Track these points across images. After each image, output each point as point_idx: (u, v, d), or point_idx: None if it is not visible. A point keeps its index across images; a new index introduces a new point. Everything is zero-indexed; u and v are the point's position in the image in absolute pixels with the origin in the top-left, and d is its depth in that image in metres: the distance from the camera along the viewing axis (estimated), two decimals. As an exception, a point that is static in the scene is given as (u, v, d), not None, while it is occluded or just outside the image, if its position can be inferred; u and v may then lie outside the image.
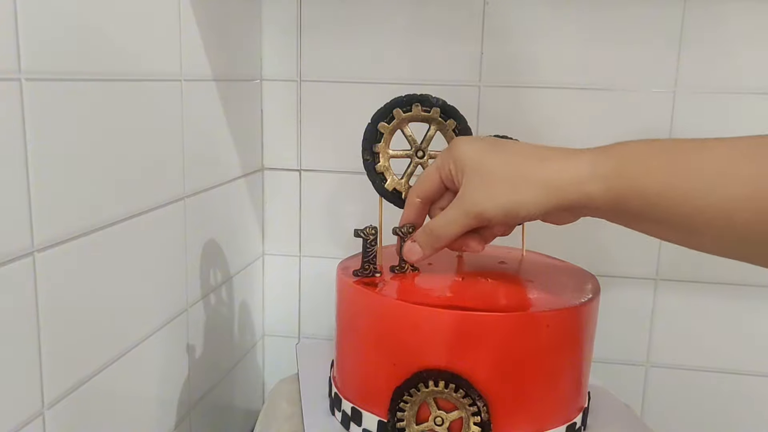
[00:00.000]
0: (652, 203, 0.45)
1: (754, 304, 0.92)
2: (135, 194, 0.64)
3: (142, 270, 0.66)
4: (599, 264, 0.92)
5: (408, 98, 0.61)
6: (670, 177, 0.44)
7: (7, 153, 0.47)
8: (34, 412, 0.51)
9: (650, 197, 0.45)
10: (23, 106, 0.48)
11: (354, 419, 0.61)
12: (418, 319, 0.55)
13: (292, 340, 1.04)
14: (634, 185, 0.46)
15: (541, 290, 0.62)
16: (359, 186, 0.92)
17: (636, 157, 0.47)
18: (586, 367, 0.62)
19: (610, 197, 0.47)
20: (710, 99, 0.87)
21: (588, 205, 0.48)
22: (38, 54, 0.49)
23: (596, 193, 0.48)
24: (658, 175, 0.45)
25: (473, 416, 0.55)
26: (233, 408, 0.95)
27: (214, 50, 0.79)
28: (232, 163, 0.88)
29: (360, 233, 0.60)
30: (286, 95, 0.96)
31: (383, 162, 0.62)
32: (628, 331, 0.95)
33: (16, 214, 0.48)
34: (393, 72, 0.93)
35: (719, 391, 0.95)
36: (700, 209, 0.43)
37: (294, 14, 0.94)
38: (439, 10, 0.91)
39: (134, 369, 0.66)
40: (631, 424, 0.68)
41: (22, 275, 0.49)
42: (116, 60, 0.59)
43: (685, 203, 0.43)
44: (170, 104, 0.70)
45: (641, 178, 0.46)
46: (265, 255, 1.02)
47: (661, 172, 0.45)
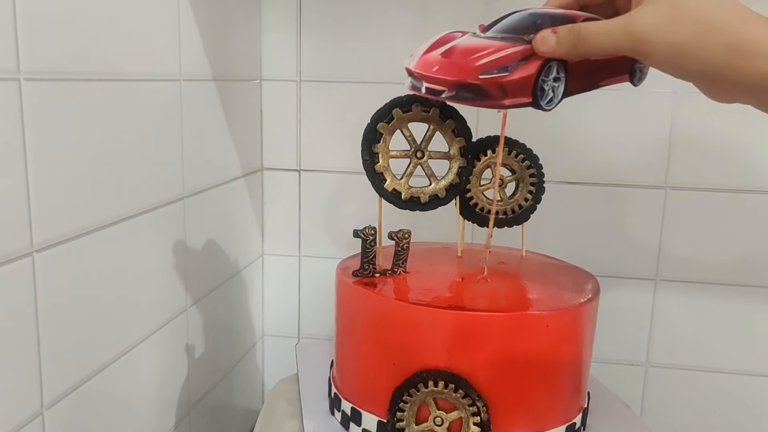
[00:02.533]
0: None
1: (754, 305, 0.92)
2: (134, 194, 0.64)
3: (142, 270, 0.66)
4: (599, 264, 0.92)
5: (407, 98, 0.61)
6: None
7: (6, 153, 0.47)
8: (33, 412, 0.51)
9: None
10: (22, 106, 0.48)
11: (353, 419, 0.61)
12: (417, 319, 0.55)
13: (291, 340, 1.04)
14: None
15: (541, 290, 0.62)
16: (359, 186, 0.92)
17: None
18: (586, 367, 0.62)
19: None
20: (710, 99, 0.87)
21: (766, 87, 0.43)
22: (37, 54, 0.49)
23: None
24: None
25: (473, 416, 0.55)
26: (233, 408, 0.95)
27: (213, 50, 0.79)
28: (231, 163, 0.88)
29: (359, 233, 0.60)
30: (286, 95, 0.96)
31: (383, 162, 0.62)
32: (627, 331, 0.95)
33: (15, 214, 0.48)
34: (393, 72, 0.93)
35: (719, 391, 0.95)
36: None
37: (294, 14, 0.94)
38: (439, 10, 0.91)
39: (134, 369, 0.66)
40: (631, 424, 0.68)
41: (21, 275, 0.49)
42: (115, 60, 0.59)
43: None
44: (169, 104, 0.70)
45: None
46: (265, 255, 1.02)
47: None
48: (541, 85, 0.49)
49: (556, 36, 0.48)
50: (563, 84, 0.50)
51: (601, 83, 0.53)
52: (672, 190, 0.90)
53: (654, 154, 0.90)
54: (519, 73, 0.48)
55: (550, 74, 0.49)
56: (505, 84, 0.49)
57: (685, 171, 0.90)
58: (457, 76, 0.49)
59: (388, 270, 0.62)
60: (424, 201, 0.63)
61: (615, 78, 0.54)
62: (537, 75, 0.48)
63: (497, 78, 0.48)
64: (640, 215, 0.92)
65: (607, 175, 0.92)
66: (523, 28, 0.50)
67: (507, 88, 0.49)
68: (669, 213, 0.91)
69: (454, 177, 0.63)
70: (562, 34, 0.48)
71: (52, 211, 0.52)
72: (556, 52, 0.48)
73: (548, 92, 0.50)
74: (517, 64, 0.48)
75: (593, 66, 0.51)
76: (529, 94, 0.49)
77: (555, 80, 0.49)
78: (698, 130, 0.89)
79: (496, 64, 0.49)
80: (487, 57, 0.49)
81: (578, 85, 0.51)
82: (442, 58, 0.51)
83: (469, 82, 0.49)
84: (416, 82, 0.52)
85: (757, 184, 0.89)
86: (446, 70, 0.50)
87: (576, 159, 0.91)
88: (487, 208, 0.68)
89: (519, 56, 0.48)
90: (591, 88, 0.53)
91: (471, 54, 0.50)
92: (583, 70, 0.50)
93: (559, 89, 0.50)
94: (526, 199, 0.69)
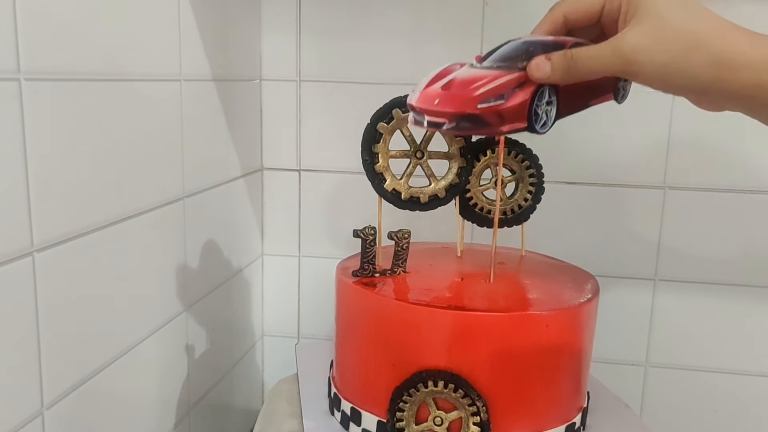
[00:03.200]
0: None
1: (753, 305, 0.92)
2: (134, 194, 0.64)
3: (142, 270, 0.66)
4: (599, 264, 0.92)
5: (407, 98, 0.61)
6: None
7: (6, 153, 0.47)
8: (33, 412, 0.51)
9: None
10: (22, 106, 0.48)
11: (353, 419, 0.61)
12: (417, 319, 0.55)
13: (291, 340, 1.04)
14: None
15: (540, 290, 0.62)
16: (359, 186, 0.92)
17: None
18: (586, 367, 0.62)
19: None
20: (709, 99, 0.87)
21: (755, 97, 0.44)
22: (37, 54, 0.49)
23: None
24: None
25: (472, 416, 0.55)
26: (233, 408, 0.95)
27: (213, 50, 0.79)
28: (231, 163, 0.88)
29: (359, 233, 0.60)
30: (286, 95, 0.96)
31: (382, 162, 0.62)
32: (627, 331, 0.95)
33: (15, 214, 0.48)
34: (393, 72, 0.93)
35: (718, 391, 0.95)
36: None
37: (294, 14, 0.94)
38: (438, 10, 0.91)
39: (134, 369, 0.66)
40: (631, 423, 0.68)
41: (21, 275, 0.49)
42: (115, 60, 0.59)
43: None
44: (170, 104, 0.70)
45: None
46: (265, 255, 1.02)
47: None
48: (535, 110, 0.51)
49: (550, 62, 0.50)
50: (555, 107, 0.52)
51: (589, 104, 0.56)
52: (671, 190, 0.91)
53: (653, 155, 0.90)
54: (514, 99, 0.50)
55: (543, 99, 0.51)
56: (502, 111, 0.50)
57: (684, 171, 0.90)
58: (457, 107, 0.51)
59: (388, 270, 0.62)
60: (424, 201, 0.63)
61: (601, 98, 0.57)
62: (531, 100, 0.50)
63: (495, 107, 0.50)
64: (639, 215, 0.92)
65: (607, 175, 0.92)
66: (516, 56, 0.51)
67: (504, 115, 0.50)
68: (668, 213, 0.91)
69: (454, 177, 0.63)
70: (556, 60, 0.50)
71: (52, 211, 0.52)
72: (552, 77, 0.50)
73: (542, 116, 0.52)
74: (512, 91, 0.50)
75: (581, 88, 0.52)
76: (525, 119, 0.51)
77: (548, 104, 0.51)
78: (697, 130, 0.89)
79: (492, 93, 0.50)
80: (484, 87, 0.50)
81: (568, 107, 0.54)
82: (442, 92, 0.52)
83: (469, 113, 0.51)
84: (418, 116, 0.54)
85: (756, 184, 0.89)
86: (446, 102, 0.52)
87: (575, 159, 0.91)
88: (486, 208, 0.68)
89: (514, 83, 0.50)
90: (580, 109, 0.55)
91: (469, 85, 0.51)
92: (571, 93, 0.52)
93: (551, 112, 0.52)
94: (526, 199, 0.69)
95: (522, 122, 0.51)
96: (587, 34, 0.53)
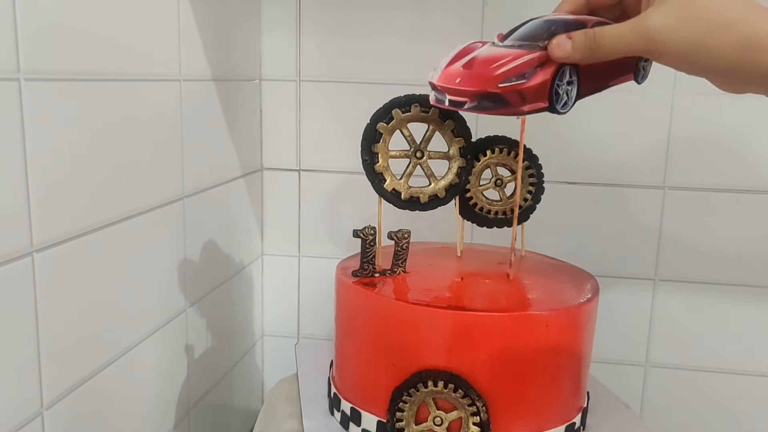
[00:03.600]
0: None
1: (753, 305, 0.92)
2: (134, 194, 0.64)
3: (142, 270, 0.66)
4: (599, 264, 0.92)
5: (407, 99, 0.61)
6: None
7: (5, 153, 0.47)
8: (33, 412, 0.51)
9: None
10: (22, 106, 0.48)
11: (353, 419, 0.61)
12: (417, 319, 0.55)
13: (291, 340, 1.04)
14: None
15: (540, 290, 0.62)
16: (358, 186, 0.92)
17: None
18: (585, 367, 0.62)
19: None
20: (709, 99, 0.87)
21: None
22: (37, 54, 0.49)
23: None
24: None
25: (472, 416, 0.55)
26: (232, 408, 0.95)
27: (213, 50, 0.79)
28: (231, 163, 0.88)
29: (359, 233, 0.60)
30: (286, 95, 0.96)
31: (382, 162, 0.62)
32: (627, 331, 0.95)
33: (14, 214, 0.48)
34: (392, 72, 0.93)
35: (718, 391, 0.95)
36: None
37: (294, 14, 0.94)
38: (438, 10, 0.91)
39: (133, 369, 0.66)
40: (630, 423, 0.68)
41: (21, 275, 0.49)
42: (115, 60, 0.59)
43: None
44: (169, 104, 0.70)
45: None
46: (264, 255, 1.02)
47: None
48: (556, 90, 0.50)
49: (571, 41, 0.49)
50: (576, 87, 0.51)
51: (609, 84, 0.55)
52: (671, 190, 0.90)
53: (653, 155, 0.90)
54: (536, 79, 0.50)
55: (564, 78, 0.50)
56: (523, 90, 0.50)
57: (683, 171, 0.90)
58: (479, 86, 0.51)
59: (388, 270, 0.62)
60: (424, 201, 0.63)
61: (622, 78, 0.56)
62: (552, 80, 0.50)
63: (516, 86, 0.50)
64: (639, 215, 0.92)
65: (607, 175, 0.92)
66: (538, 35, 0.51)
67: (525, 95, 0.50)
68: (668, 213, 0.91)
69: (454, 177, 0.63)
70: (577, 39, 0.49)
71: (52, 211, 0.52)
72: (572, 56, 0.49)
73: (563, 96, 0.51)
74: (533, 70, 0.50)
75: (602, 68, 0.52)
76: (546, 99, 0.50)
77: (568, 84, 0.51)
78: (697, 130, 0.89)
79: (514, 72, 0.50)
80: (505, 66, 0.50)
81: (589, 87, 0.53)
82: (463, 70, 0.52)
83: (490, 92, 0.50)
84: (439, 95, 0.53)
85: (756, 184, 0.89)
86: (468, 81, 0.51)
87: (575, 159, 0.91)
88: (486, 208, 0.68)
89: (535, 62, 0.49)
90: (601, 89, 0.54)
91: (490, 64, 0.51)
92: (592, 72, 0.52)
93: (572, 92, 0.52)
94: (526, 199, 0.69)
95: (543, 102, 0.51)
96: (609, 14, 0.52)
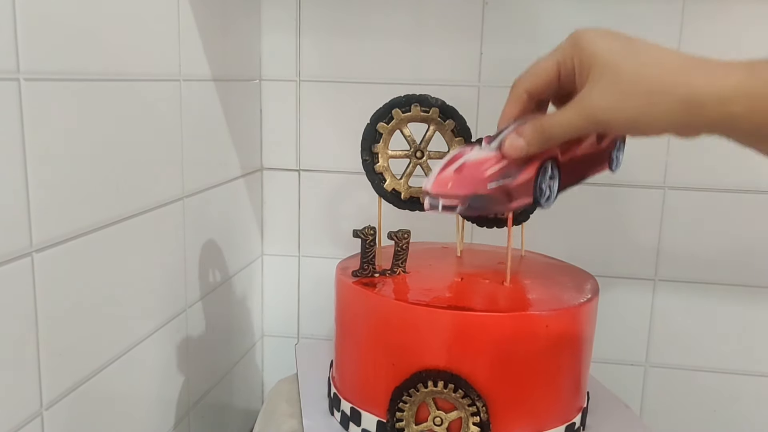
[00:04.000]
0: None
1: (753, 305, 0.92)
2: (134, 194, 0.64)
3: (141, 270, 0.66)
4: (599, 264, 0.92)
5: (407, 98, 0.61)
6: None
7: (5, 153, 0.47)
8: (32, 412, 0.51)
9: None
10: (22, 106, 0.48)
11: (353, 419, 0.61)
12: (417, 319, 0.55)
13: (291, 340, 1.04)
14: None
15: (540, 290, 0.62)
16: (358, 186, 0.92)
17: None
18: (585, 367, 0.62)
19: (754, 121, 0.43)
20: (709, 99, 0.87)
21: (727, 127, 0.44)
22: (37, 54, 0.49)
23: (741, 114, 0.43)
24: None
25: (472, 416, 0.55)
26: (232, 408, 0.95)
27: (213, 50, 0.79)
28: (231, 163, 0.88)
29: (359, 233, 0.60)
30: (286, 95, 0.96)
31: (382, 162, 0.62)
32: (627, 331, 0.95)
33: (14, 214, 0.48)
34: (392, 72, 0.93)
35: (718, 391, 0.95)
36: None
37: (293, 14, 0.94)
38: (438, 10, 0.91)
39: (133, 369, 0.66)
40: (630, 423, 0.68)
41: (21, 275, 0.49)
42: (115, 60, 0.59)
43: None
44: (169, 104, 0.70)
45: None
46: (264, 255, 1.02)
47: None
48: (540, 185, 0.53)
49: (523, 138, 0.51)
50: (557, 181, 0.54)
51: (587, 175, 0.59)
52: (671, 190, 0.90)
53: (653, 154, 0.90)
54: (521, 177, 0.52)
55: (546, 174, 0.53)
56: (511, 189, 0.52)
57: (683, 171, 0.90)
58: (470, 189, 0.53)
59: (388, 270, 0.62)
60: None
61: (598, 168, 0.60)
62: (536, 176, 0.52)
63: (503, 185, 0.52)
64: (639, 215, 0.92)
65: (607, 175, 0.91)
66: None
67: (512, 193, 0.53)
68: (668, 213, 0.91)
69: (454, 177, 0.63)
70: (527, 133, 0.51)
71: (52, 211, 0.52)
72: (530, 150, 0.51)
73: (545, 191, 0.54)
74: (518, 169, 0.52)
75: (578, 163, 0.56)
76: (531, 195, 0.53)
77: (551, 179, 0.54)
78: (698, 130, 0.89)
79: (501, 173, 0.52)
80: (492, 167, 0.52)
81: (569, 180, 0.56)
82: (455, 175, 0.54)
83: (480, 193, 0.52)
84: (433, 200, 0.55)
85: (756, 184, 0.89)
86: (459, 185, 0.53)
87: (575, 159, 0.91)
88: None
89: (520, 162, 0.52)
90: (580, 181, 0.58)
91: (479, 167, 0.53)
92: (570, 167, 0.55)
93: (554, 187, 0.55)
94: (526, 200, 0.69)
95: (528, 198, 0.53)
96: (553, 97, 0.55)
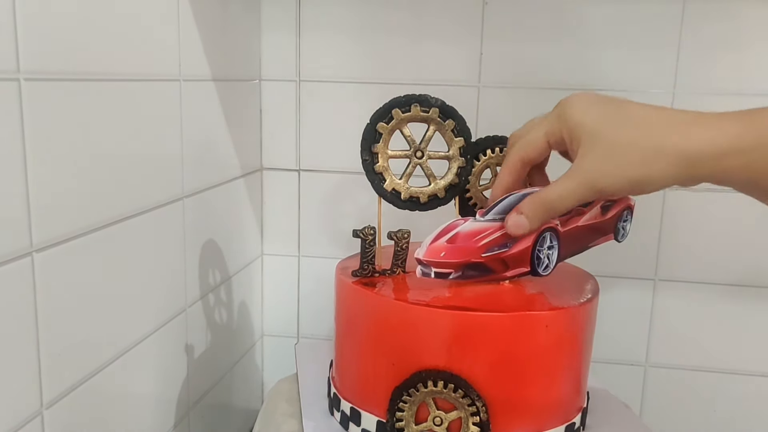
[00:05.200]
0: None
1: (753, 305, 0.92)
2: (134, 194, 0.64)
3: (141, 270, 0.66)
4: (598, 264, 0.92)
5: (407, 98, 0.61)
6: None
7: (5, 153, 0.47)
8: (32, 412, 0.51)
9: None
10: (22, 106, 0.48)
11: (353, 419, 0.61)
12: (417, 319, 0.55)
13: (291, 340, 1.04)
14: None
15: (540, 290, 0.62)
16: (358, 186, 0.92)
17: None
18: (585, 367, 0.62)
19: (749, 174, 0.43)
20: (710, 99, 0.87)
21: (722, 179, 0.45)
22: (37, 54, 0.49)
23: (735, 168, 0.43)
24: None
25: (472, 416, 0.55)
26: (232, 408, 0.95)
27: (213, 50, 0.79)
28: (231, 163, 0.88)
29: (359, 233, 0.60)
30: (285, 95, 0.96)
31: (382, 162, 0.62)
32: (627, 331, 0.95)
33: (14, 214, 0.48)
34: (392, 72, 0.93)
35: (718, 391, 0.95)
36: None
37: (293, 14, 0.94)
38: (438, 10, 0.91)
39: (133, 369, 0.66)
40: (630, 424, 0.68)
41: (21, 275, 0.49)
42: (115, 60, 0.59)
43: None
44: (169, 104, 0.70)
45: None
46: (264, 255, 1.02)
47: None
48: (537, 255, 0.53)
49: (524, 216, 0.52)
50: (557, 250, 0.54)
51: (590, 245, 0.58)
52: (671, 191, 0.90)
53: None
54: (517, 247, 0.53)
55: (544, 244, 0.53)
56: (506, 258, 0.53)
57: (684, 171, 0.90)
58: (463, 257, 0.53)
59: (388, 270, 0.62)
60: (424, 201, 0.63)
61: (602, 239, 0.60)
62: (533, 246, 0.52)
63: (498, 254, 0.53)
64: (639, 215, 0.92)
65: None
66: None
67: (508, 262, 0.53)
68: (668, 213, 0.91)
69: (454, 177, 0.63)
70: (527, 210, 0.51)
71: (52, 211, 0.52)
72: (532, 227, 0.52)
73: (544, 260, 0.54)
74: (515, 239, 0.52)
75: (581, 233, 0.55)
76: (528, 264, 0.53)
77: (549, 248, 0.54)
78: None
79: (496, 243, 0.53)
80: (487, 237, 0.53)
81: (569, 250, 0.56)
82: (447, 245, 0.54)
83: (474, 261, 0.53)
84: (425, 269, 0.56)
85: (756, 184, 0.89)
86: (452, 254, 0.54)
87: (575, 159, 0.91)
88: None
89: None
90: (582, 251, 0.58)
91: (473, 237, 0.53)
92: (573, 237, 0.55)
93: (553, 256, 0.55)
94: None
95: (525, 266, 0.53)
96: (546, 163, 0.55)
